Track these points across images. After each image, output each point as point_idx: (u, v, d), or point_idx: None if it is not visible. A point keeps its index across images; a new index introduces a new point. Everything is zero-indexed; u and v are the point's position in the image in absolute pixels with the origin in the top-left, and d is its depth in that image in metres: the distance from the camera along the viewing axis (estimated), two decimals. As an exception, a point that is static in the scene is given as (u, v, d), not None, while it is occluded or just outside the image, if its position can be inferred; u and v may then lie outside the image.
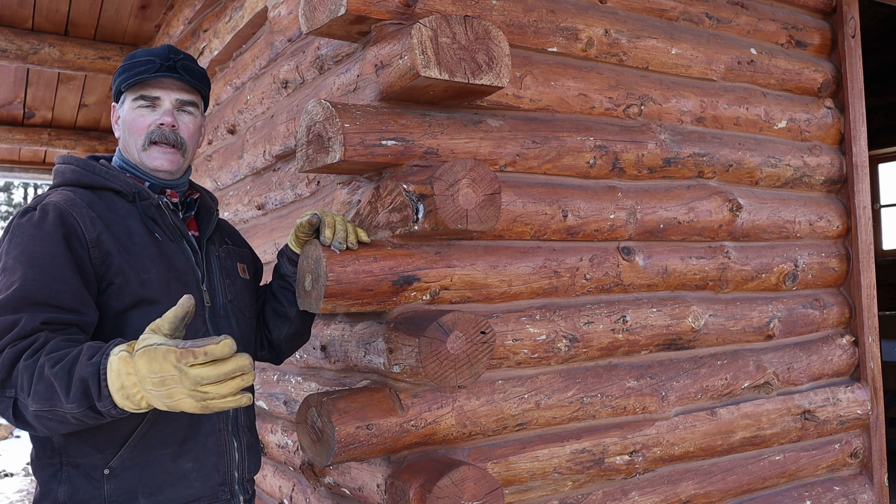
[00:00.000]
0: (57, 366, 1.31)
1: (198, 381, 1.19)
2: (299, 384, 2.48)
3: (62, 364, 1.31)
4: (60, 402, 1.30)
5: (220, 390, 1.20)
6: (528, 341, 2.08)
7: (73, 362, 1.31)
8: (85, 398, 1.28)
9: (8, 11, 4.38)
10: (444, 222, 1.75)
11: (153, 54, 1.71)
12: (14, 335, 1.37)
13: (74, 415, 1.30)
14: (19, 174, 7.06)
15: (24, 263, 1.45)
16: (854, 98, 2.98)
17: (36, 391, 1.31)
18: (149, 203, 1.68)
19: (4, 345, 1.36)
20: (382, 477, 1.91)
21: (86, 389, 1.28)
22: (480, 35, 1.82)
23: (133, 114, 1.72)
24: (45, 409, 1.31)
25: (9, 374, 1.34)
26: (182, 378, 1.19)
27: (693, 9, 2.58)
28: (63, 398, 1.29)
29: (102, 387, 1.27)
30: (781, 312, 2.72)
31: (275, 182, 2.80)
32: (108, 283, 1.54)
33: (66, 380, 1.29)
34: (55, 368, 1.30)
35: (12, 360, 1.34)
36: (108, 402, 1.27)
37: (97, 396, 1.27)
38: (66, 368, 1.30)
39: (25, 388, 1.32)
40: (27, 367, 1.32)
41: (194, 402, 1.21)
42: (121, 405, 1.27)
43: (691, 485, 2.40)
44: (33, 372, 1.32)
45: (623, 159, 2.32)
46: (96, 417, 1.32)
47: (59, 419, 1.33)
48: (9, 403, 1.35)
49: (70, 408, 1.29)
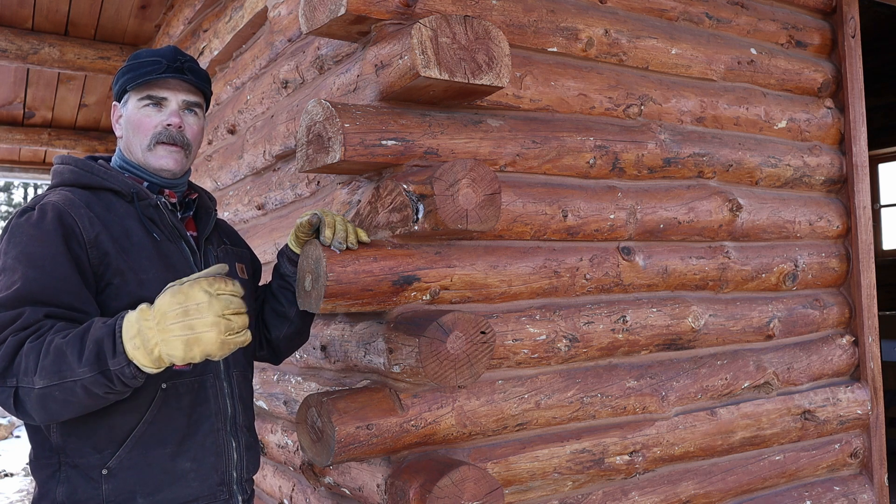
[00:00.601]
0: (69, 336, 1.34)
1: (227, 305, 1.28)
2: (299, 384, 2.48)
3: (74, 333, 1.34)
4: (71, 370, 1.31)
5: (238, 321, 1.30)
6: (528, 341, 2.08)
7: (85, 330, 1.35)
8: (97, 361, 1.30)
9: (8, 11, 4.38)
10: (444, 222, 1.75)
11: (159, 55, 1.71)
12: (17, 326, 1.38)
13: (85, 381, 1.32)
14: (19, 174, 7.06)
15: (24, 263, 1.46)
16: (854, 98, 2.98)
17: (43, 366, 1.32)
18: (147, 203, 1.68)
19: (7, 335, 1.37)
20: (382, 477, 1.91)
21: (99, 351, 1.31)
22: (480, 35, 1.82)
23: (139, 113, 1.72)
24: (52, 383, 1.32)
25: (10, 362, 1.35)
26: (212, 303, 1.27)
27: (693, 9, 2.58)
28: (75, 363, 1.31)
29: (118, 342, 1.30)
30: (781, 312, 2.72)
31: (275, 182, 2.80)
32: (106, 283, 1.54)
33: (79, 345, 1.32)
34: (67, 338, 1.34)
35: (14, 349, 1.35)
36: (121, 359, 1.30)
37: (111, 353, 1.30)
38: (79, 336, 1.34)
39: (31, 367, 1.33)
40: (33, 348, 1.34)
41: (218, 332, 1.28)
42: (132, 356, 1.30)
43: (691, 485, 2.40)
44: (40, 350, 1.33)
45: (623, 159, 2.32)
46: (107, 385, 1.33)
47: (66, 394, 1.33)
48: (10, 393, 1.36)
49: (81, 373, 1.31)
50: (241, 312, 1.32)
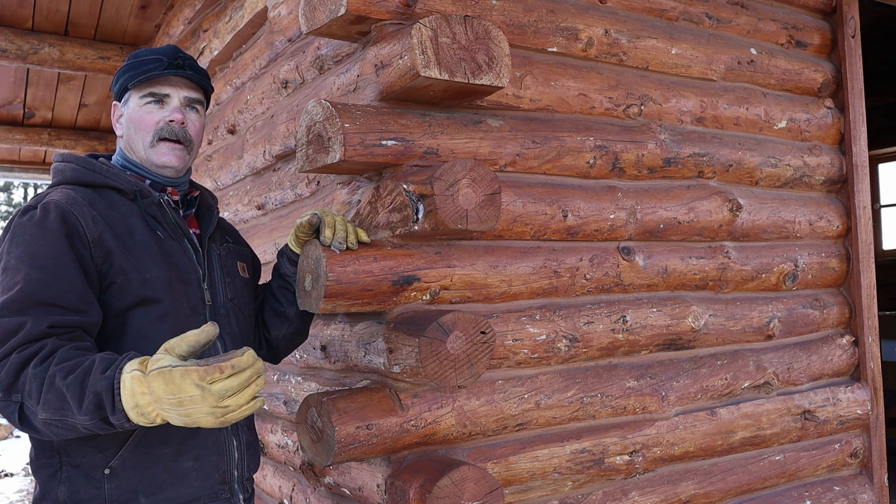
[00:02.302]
0: (69, 377, 1.31)
1: (222, 395, 1.23)
2: (299, 384, 2.48)
3: (74, 375, 1.31)
4: (72, 413, 1.31)
5: (239, 401, 1.25)
6: (528, 341, 2.08)
7: (85, 374, 1.32)
8: (98, 411, 1.30)
9: (8, 11, 4.38)
10: (444, 222, 1.75)
11: (160, 53, 1.72)
12: (20, 339, 1.37)
13: (86, 426, 1.32)
14: (19, 174, 7.07)
15: (27, 263, 1.45)
16: (854, 98, 2.98)
17: (46, 400, 1.31)
18: (150, 201, 1.68)
19: (11, 349, 1.36)
20: (382, 477, 1.91)
21: (99, 403, 1.29)
22: (480, 35, 1.82)
23: (141, 111, 1.72)
24: (55, 418, 1.32)
25: (15, 378, 1.34)
26: (205, 396, 1.22)
27: (693, 9, 2.58)
28: (75, 409, 1.30)
29: (116, 402, 1.29)
30: (781, 312, 2.72)
31: (275, 182, 2.80)
32: (109, 282, 1.54)
33: (79, 392, 1.30)
34: (67, 380, 1.31)
35: (19, 366, 1.35)
36: (121, 416, 1.29)
37: (111, 411, 1.29)
38: (79, 380, 1.31)
39: (35, 396, 1.32)
40: (36, 376, 1.33)
41: (214, 418, 1.24)
42: (135, 421, 1.30)
43: (691, 485, 2.40)
44: (43, 380, 1.32)
45: (623, 159, 2.32)
46: (108, 428, 1.34)
47: (69, 428, 1.34)
48: (15, 408, 1.35)
49: (82, 419, 1.30)
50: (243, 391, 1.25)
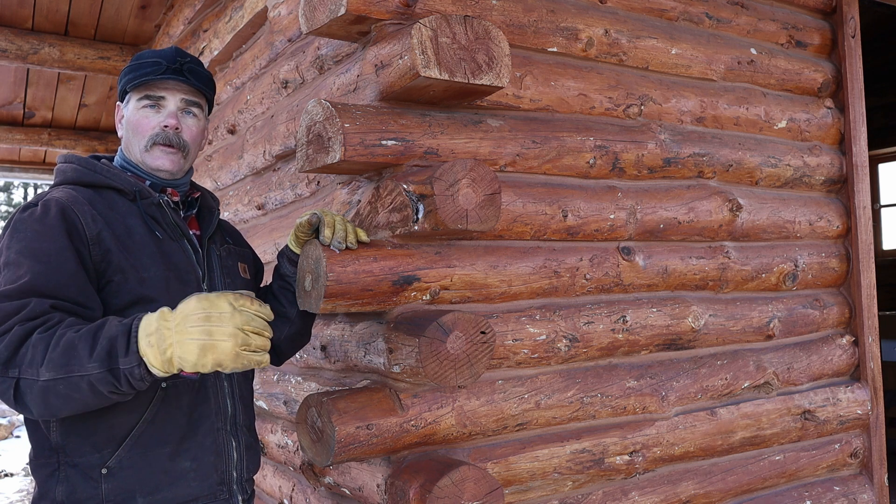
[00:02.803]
0: (81, 331, 1.35)
1: (248, 321, 1.32)
2: (299, 384, 2.48)
3: (87, 329, 1.35)
4: (80, 364, 1.31)
5: (256, 340, 1.34)
6: (528, 341, 2.08)
7: (99, 326, 1.36)
8: (108, 358, 1.32)
9: (8, 11, 4.38)
10: (444, 222, 1.75)
11: (160, 56, 1.72)
12: (24, 315, 1.38)
13: (92, 377, 1.32)
14: (19, 174, 7.06)
15: (29, 258, 1.46)
16: (854, 98, 2.98)
17: (51, 359, 1.32)
18: (150, 201, 1.68)
19: (13, 324, 1.37)
20: (382, 477, 1.91)
21: (112, 348, 1.32)
22: (480, 35, 1.82)
23: (137, 114, 1.72)
24: (58, 376, 1.32)
25: (15, 352, 1.34)
26: (234, 315, 1.32)
27: (693, 9, 2.58)
28: (85, 358, 1.31)
29: (132, 341, 1.32)
30: (781, 312, 2.72)
31: (275, 182, 2.80)
32: (107, 280, 1.55)
33: (91, 340, 1.33)
34: (79, 333, 1.34)
35: (21, 339, 1.35)
36: (133, 358, 1.32)
37: (124, 352, 1.32)
38: (92, 331, 1.35)
39: (38, 359, 1.32)
40: (42, 339, 1.34)
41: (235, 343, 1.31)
42: (144, 352, 1.32)
43: (691, 485, 2.40)
44: (49, 342, 1.34)
45: (623, 159, 2.32)
46: (112, 384, 1.34)
47: (70, 389, 1.33)
48: (11, 384, 1.35)
49: (90, 368, 1.31)
50: (262, 333, 1.36)
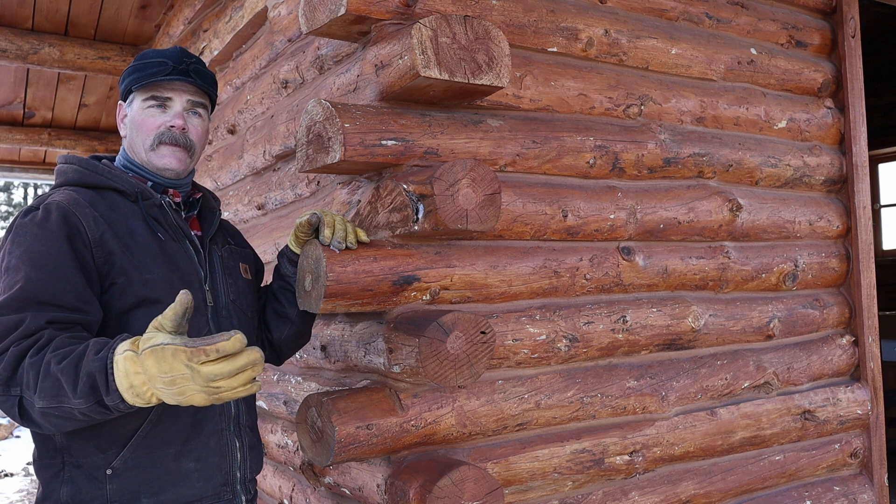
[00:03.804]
0: (63, 361, 1.31)
1: (210, 377, 1.20)
2: (299, 384, 2.48)
3: (68, 360, 1.31)
4: (67, 398, 1.30)
5: (231, 384, 1.22)
6: (528, 341, 2.08)
7: (79, 358, 1.31)
8: (93, 393, 1.29)
9: (8, 11, 4.38)
10: (444, 222, 1.75)
11: (166, 56, 1.71)
12: (18, 334, 1.37)
13: (82, 410, 1.31)
14: (19, 174, 7.07)
15: (27, 263, 1.45)
16: (854, 98, 2.98)
17: (42, 388, 1.31)
18: (151, 203, 1.68)
19: (9, 344, 1.36)
20: (382, 477, 1.91)
21: (93, 384, 1.29)
22: (480, 35, 1.82)
23: (143, 114, 1.72)
24: (51, 405, 1.31)
25: (13, 372, 1.34)
26: (194, 376, 1.20)
27: (693, 9, 2.58)
28: (70, 394, 1.29)
29: (110, 381, 1.28)
30: (781, 312, 2.72)
31: (275, 182, 2.80)
32: (110, 282, 1.54)
33: (73, 375, 1.30)
34: (61, 364, 1.31)
35: (17, 359, 1.35)
36: (116, 396, 1.28)
37: (105, 391, 1.28)
38: (73, 364, 1.31)
39: (31, 386, 1.32)
40: (32, 365, 1.33)
41: (206, 396, 1.23)
42: (130, 402, 1.28)
43: (691, 485, 2.40)
44: (39, 369, 1.32)
45: (623, 159, 2.32)
46: (104, 412, 1.32)
47: (66, 415, 1.33)
48: (14, 402, 1.35)
49: (77, 403, 1.30)
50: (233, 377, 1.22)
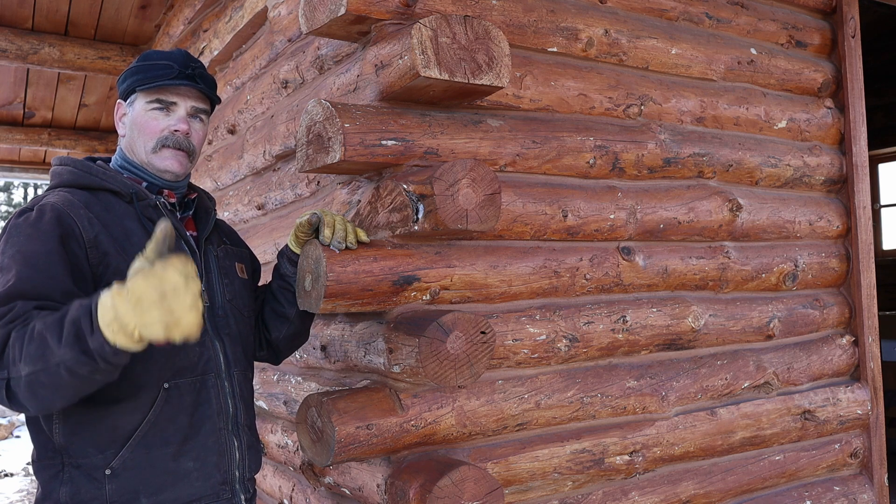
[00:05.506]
0: (49, 319, 1.32)
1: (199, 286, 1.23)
2: (299, 384, 2.48)
3: (55, 317, 1.31)
4: (52, 353, 1.28)
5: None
6: (528, 341, 2.08)
7: (64, 314, 1.31)
8: (77, 341, 1.27)
9: (8, 11, 4.38)
10: (444, 222, 1.75)
11: (171, 59, 1.71)
12: (7, 319, 1.37)
13: (67, 363, 1.28)
14: (19, 174, 7.07)
15: (19, 262, 1.46)
16: (854, 98, 2.98)
17: (27, 353, 1.30)
18: (146, 203, 1.68)
19: None
20: (382, 477, 1.91)
21: (77, 330, 1.27)
22: (480, 35, 1.82)
23: (146, 115, 1.72)
24: (37, 368, 1.30)
25: (1, 354, 1.34)
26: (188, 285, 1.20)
27: (693, 9, 2.58)
28: (55, 345, 1.28)
29: (94, 319, 1.26)
30: (781, 312, 2.72)
31: (275, 182, 2.80)
32: (105, 283, 1.54)
33: (59, 327, 1.29)
34: (47, 322, 1.31)
35: (3, 340, 1.34)
36: (99, 335, 1.25)
37: (89, 332, 1.26)
38: (59, 318, 1.31)
39: (18, 355, 1.31)
40: (18, 336, 1.32)
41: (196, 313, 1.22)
42: (112, 340, 1.25)
43: (691, 485, 2.40)
44: (24, 336, 1.32)
45: (623, 159, 2.32)
46: (89, 365, 1.29)
47: (52, 378, 1.30)
48: (2, 385, 1.34)
49: (62, 354, 1.27)
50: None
